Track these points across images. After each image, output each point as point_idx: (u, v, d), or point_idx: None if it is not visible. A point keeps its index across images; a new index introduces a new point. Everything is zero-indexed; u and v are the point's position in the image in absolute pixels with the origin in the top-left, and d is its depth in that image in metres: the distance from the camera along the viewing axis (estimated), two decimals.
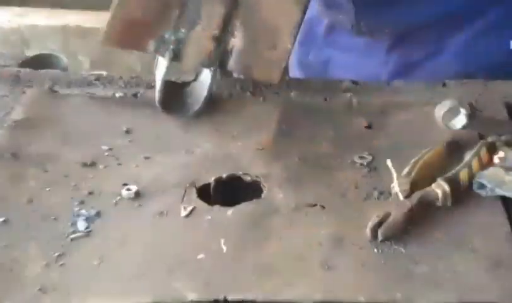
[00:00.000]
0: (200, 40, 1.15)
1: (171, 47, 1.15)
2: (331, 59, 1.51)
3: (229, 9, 1.14)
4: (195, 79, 1.22)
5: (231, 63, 1.17)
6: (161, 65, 1.17)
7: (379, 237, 0.93)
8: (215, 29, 1.15)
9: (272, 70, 1.17)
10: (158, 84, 1.17)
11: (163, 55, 1.16)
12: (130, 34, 1.15)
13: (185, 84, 1.22)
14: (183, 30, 1.14)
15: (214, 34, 1.15)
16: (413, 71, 1.42)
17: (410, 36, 1.41)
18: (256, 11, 1.15)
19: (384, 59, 1.43)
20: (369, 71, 1.42)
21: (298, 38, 1.56)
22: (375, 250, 0.92)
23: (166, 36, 1.14)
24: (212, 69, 1.17)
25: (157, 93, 1.17)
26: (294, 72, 1.60)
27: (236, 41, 1.16)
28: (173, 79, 1.21)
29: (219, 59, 1.17)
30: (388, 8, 1.37)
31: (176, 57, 1.16)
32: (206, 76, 1.19)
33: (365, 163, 1.08)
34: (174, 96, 1.19)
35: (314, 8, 1.51)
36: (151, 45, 1.16)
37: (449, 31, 1.40)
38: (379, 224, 0.94)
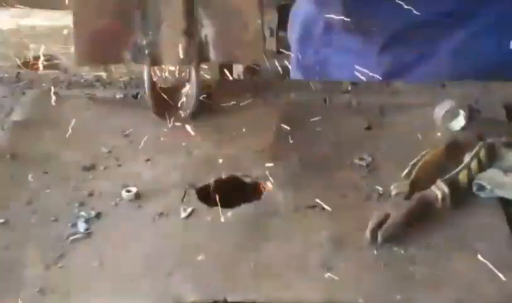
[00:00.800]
0: (171, 38, 1.14)
1: (146, 52, 1.14)
2: (328, 58, 1.51)
3: (188, 0, 1.13)
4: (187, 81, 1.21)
5: (211, 53, 1.17)
6: (145, 72, 1.17)
7: (379, 239, 0.93)
8: (181, 23, 1.14)
9: (252, 49, 1.17)
10: (147, 92, 1.17)
11: (141, 62, 1.15)
12: (100, 48, 1.14)
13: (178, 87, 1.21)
14: (150, 32, 1.14)
15: (182, 28, 1.14)
16: (407, 72, 1.42)
17: (403, 37, 1.41)
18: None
19: (378, 59, 1.44)
20: (363, 71, 1.42)
21: (296, 37, 1.57)
22: (375, 251, 0.92)
23: (139, 42, 1.14)
24: (193, 64, 1.17)
25: (149, 102, 1.17)
26: (293, 72, 1.61)
27: (208, 31, 1.15)
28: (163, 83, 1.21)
29: (197, 53, 1.16)
30: (378, 7, 1.37)
31: (154, 61, 1.15)
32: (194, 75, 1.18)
33: (365, 164, 1.08)
34: (169, 99, 1.19)
35: (310, 8, 1.51)
36: (127, 55, 1.15)
37: (442, 32, 1.40)
38: (379, 225, 0.94)
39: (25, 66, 1.34)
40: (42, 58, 1.32)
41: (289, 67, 1.62)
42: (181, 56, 1.14)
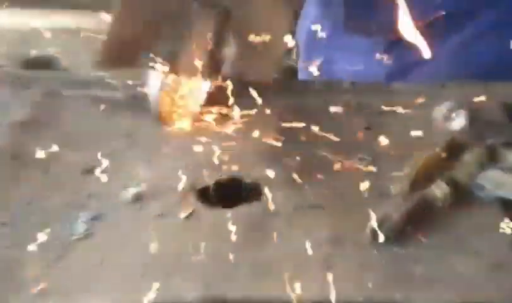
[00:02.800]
0: (193, 53, 1.14)
1: (165, 60, 1.14)
2: (332, 59, 1.52)
3: (221, 23, 1.13)
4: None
5: (225, 69, 1.16)
6: (155, 78, 1.16)
7: (379, 238, 0.93)
8: (208, 43, 1.13)
9: (266, 73, 1.17)
10: (154, 97, 1.17)
11: (157, 69, 1.15)
12: (123, 54, 1.14)
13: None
14: (175, 44, 1.13)
15: (207, 48, 1.14)
16: (410, 72, 1.42)
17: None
18: (249, 21, 1.14)
19: (381, 60, 1.44)
20: (367, 71, 1.43)
21: (303, 40, 1.57)
22: (375, 251, 0.92)
23: (159, 49, 1.13)
24: (206, 79, 1.17)
25: (153, 106, 1.17)
26: (300, 74, 1.61)
27: (230, 51, 1.15)
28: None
29: (215, 69, 1.16)
30: (380, 8, 1.37)
31: (171, 70, 1.15)
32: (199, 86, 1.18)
33: (365, 164, 1.08)
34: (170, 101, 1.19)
35: (316, 11, 1.52)
36: (145, 60, 1.15)
37: (444, 33, 1.40)
38: (379, 225, 0.94)
39: (25, 66, 1.34)
40: (42, 57, 1.32)
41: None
42: (199, 71, 1.14)
